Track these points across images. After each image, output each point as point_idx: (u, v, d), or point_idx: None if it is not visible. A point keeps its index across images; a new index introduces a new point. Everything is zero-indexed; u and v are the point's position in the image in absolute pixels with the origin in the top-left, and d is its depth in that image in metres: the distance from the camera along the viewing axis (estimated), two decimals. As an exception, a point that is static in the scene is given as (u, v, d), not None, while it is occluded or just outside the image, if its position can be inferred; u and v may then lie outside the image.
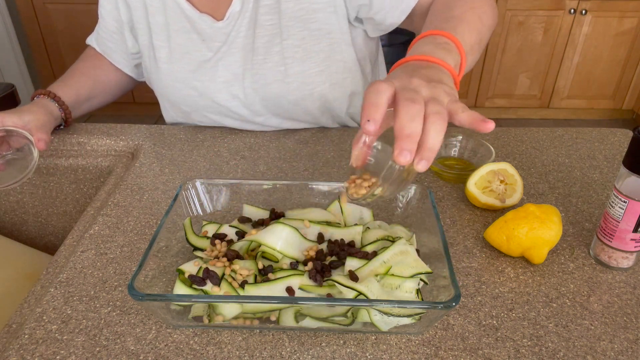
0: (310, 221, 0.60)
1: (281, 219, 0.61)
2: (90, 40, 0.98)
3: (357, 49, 0.88)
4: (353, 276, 0.52)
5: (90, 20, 2.52)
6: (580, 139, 0.90)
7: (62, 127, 0.91)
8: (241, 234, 0.60)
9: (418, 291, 0.52)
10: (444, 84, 0.49)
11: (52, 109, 0.85)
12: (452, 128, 0.88)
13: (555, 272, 0.60)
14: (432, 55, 0.53)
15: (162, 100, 0.96)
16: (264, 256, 0.56)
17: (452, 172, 0.76)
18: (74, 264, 0.62)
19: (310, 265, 0.55)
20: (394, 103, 0.47)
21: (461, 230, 0.67)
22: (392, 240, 0.56)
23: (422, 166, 0.44)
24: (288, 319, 0.51)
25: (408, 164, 0.44)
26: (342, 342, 0.51)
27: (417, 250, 0.58)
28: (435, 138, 0.44)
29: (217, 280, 0.52)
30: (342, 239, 0.58)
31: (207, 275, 0.52)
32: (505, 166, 0.71)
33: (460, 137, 0.82)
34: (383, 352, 0.50)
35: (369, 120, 0.44)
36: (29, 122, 0.77)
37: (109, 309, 0.55)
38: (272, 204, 0.66)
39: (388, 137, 0.48)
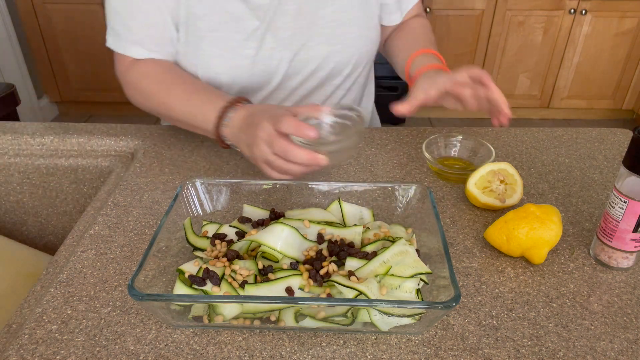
0: (310, 221, 0.60)
1: (281, 219, 0.61)
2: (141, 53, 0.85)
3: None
4: (353, 276, 0.52)
5: (90, 20, 2.54)
6: (580, 139, 0.90)
7: None
8: (241, 234, 0.60)
9: (418, 291, 0.52)
10: None
11: None
12: (453, 128, 0.88)
13: (555, 272, 0.60)
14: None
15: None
16: (264, 256, 0.56)
17: (452, 172, 0.76)
18: (74, 264, 0.62)
19: (307, 273, 0.55)
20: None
21: (461, 230, 0.67)
22: (392, 240, 0.56)
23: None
24: (288, 319, 0.51)
25: None
26: (342, 342, 0.51)
27: (417, 250, 0.58)
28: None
29: (217, 280, 0.52)
30: (342, 239, 0.58)
31: (207, 275, 0.52)
32: (505, 166, 0.71)
33: (460, 137, 0.82)
34: (383, 352, 0.50)
35: None
36: None
37: (109, 309, 0.55)
38: (272, 204, 0.66)
39: None
